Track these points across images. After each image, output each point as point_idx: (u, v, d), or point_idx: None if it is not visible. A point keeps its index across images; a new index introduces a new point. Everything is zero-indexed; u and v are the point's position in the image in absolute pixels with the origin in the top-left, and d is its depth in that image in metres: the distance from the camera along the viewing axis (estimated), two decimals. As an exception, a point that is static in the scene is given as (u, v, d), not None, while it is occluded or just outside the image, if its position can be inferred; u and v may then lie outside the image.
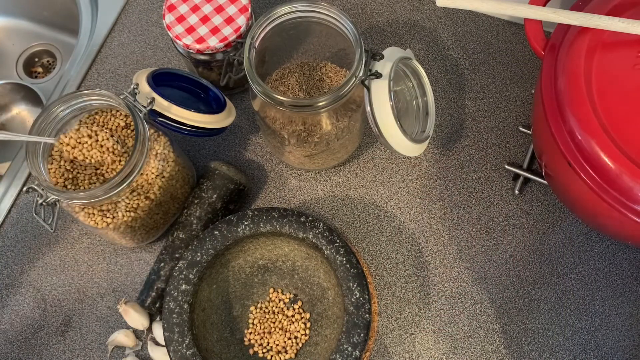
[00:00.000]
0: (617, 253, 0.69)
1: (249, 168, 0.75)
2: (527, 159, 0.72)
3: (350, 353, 0.58)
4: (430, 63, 0.79)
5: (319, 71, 0.72)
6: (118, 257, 0.72)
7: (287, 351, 0.65)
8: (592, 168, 0.54)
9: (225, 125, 0.66)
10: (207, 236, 0.62)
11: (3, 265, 0.72)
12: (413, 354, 0.67)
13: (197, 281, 0.61)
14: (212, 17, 0.70)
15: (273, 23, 0.63)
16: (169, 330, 0.59)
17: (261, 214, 0.63)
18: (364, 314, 0.59)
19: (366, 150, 0.75)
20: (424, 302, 0.69)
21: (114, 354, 0.68)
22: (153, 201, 0.64)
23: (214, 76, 0.74)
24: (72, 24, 0.92)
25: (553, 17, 0.58)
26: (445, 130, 0.76)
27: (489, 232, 0.71)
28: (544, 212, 0.71)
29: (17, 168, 0.76)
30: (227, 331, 0.65)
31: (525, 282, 0.69)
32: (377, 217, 0.72)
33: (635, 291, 0.68)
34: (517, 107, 0.76)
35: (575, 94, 0.55)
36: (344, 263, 0.60)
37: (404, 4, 0.82)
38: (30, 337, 0.69)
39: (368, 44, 0.80)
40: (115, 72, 0.81)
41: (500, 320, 0.67)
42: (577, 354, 0.66)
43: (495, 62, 0.78)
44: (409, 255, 0.70)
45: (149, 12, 0.84)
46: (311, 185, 0.74)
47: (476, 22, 0.81)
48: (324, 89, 0.71)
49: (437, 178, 0.73)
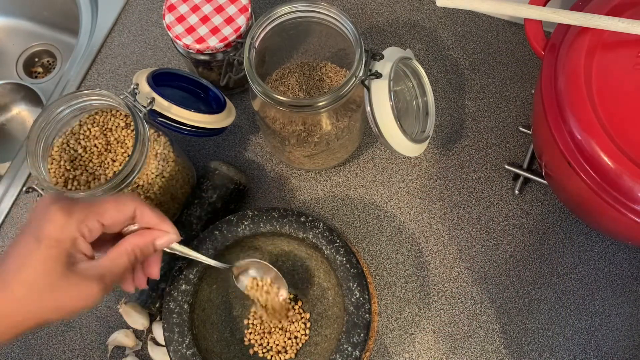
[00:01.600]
0: (617, 253, 0.69)
1: (249, 168, 0.75)
2: (527, 159, 0.72)
3: (350, 353, 0.58)
4: (430, 63, 0.79)
5: (319, 71, 0.72)
6: (118, 257, 0.72)
7: (287, 351, 0.65)
8: (592, 168, 0.54)
9: (225, 125, 0.66)
10: (207, 236, 0.62)
11: (3, 265, 0.72)
12: (413, 354, 0.67)
13: (197, 281, 0.61)
14: (212, 17, 0.70)
15: (273, 23, 0.63)
16: (169, 330, 0.59)
17: (261, 214, 0.63)
18: (364, 314, 0.59)
19: (366, 150, 0.75)
20: (424, 302, 0.69)
21: (114, 354, 0.68)
22: (153, 201, 0.64)
23: (214, 76, 0.74)
24: (72, 24, 0.92)
25: (553, 17, 0.58)
26: (445, 130, 0.76)
27: (489, 232, 0.71)
28: (544, 212, 0.71)
29: (17, 168, 0.76)
30: (227, 331, 0.65)
31: (525, 282, 0.69)
32: (377, 217, 0.72)
33: (635, 291, 0.68)
34: (517, 107, 0.76)
35: (575, 94, 0.55)
36: (344, 263, 0.60)
37: (404, 4, 0.82)
38: (30, 337, 0.69)
39: (368, 44, 0.80)
40: (115, 72, 0.81)
41: (500, 320, 0.67)
42: (577, 354, 0.66)
43: (495, 62, 0.78)
44: (409, 255, 0.70)
45: (149, 12, 0.84)
46: (311, 185, 0.74)
47: (476, 22, 0.81)
48: (324, 89, 0.71)
49: (437, 178, 0.73)
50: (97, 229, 0.46)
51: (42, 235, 0.44)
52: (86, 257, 0.46)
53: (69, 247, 0.44)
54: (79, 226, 0.45)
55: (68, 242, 0.44)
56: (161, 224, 0.51)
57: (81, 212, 0.45)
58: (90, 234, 0.46)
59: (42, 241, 0.43)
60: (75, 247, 0.45)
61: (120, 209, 0.48)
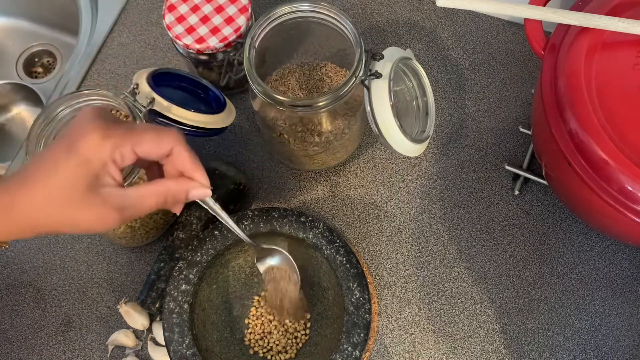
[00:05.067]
0: (617, 253, 0.69)
1: (249, 168, 0.75)
2: (527, 159, 0.72)
3: (350, 353, 0.58)
4: (430, 63, 0.79)
5: (319, 71, 0.72)
6: (118, 257, 0.72)
7: (287, 351, 0.65)
8: (592, 168, 0.54)
9: (225, 125, 0.66)
10: (207, 236, 0.62)
11: (3, 265, 0.72)
12: (413, 354, 0.67)
13: (197, 281, 0.61)
14: (212, 17, 0.70)
15: (273, 23, 0.63)
16: (169, 330, 0.59)
17: (261, 214, 0.63)
18: (364, 314, 0.59)
19: (366, 150, 0.75)
20: (424, 302, 0.69)
21: (114, 354, 0.68)
22: (153, 201, 0.64)
23: (214, 76, 0.74)
24: (72, 24, 0.92)
25: (553, 17, 0.58)
26: (445, 130, 0.76)
27: (489, 232, 0.71)
28: (544, 212, 0.71)
29: (17, 168, 0.76)
30: (227, 331, 0.65)
31: (525, 282, 0.69)
32: (377, 217, 0.72)
33: (635, 291, 0.68)
34: (517, 107, 0.76)
35: (575, 94, 0.55)
36: (344, 263, 0.60)
37: (404, 4, 0.82)
38: (30, 337, 0.69)
39: (368, 44, 0.80)
40: (115, 72, 0.81)
41: (500, 320, 0.67)
42: (577, 354, 0.66)
43: (495, 62, 0.78)
44: (409, 255, 0.70)
45: (149, 12, 0.84)
46: (311, 185, 0.74)
47: (476, 22, 0.81)
48: (324, 89, 0.71)
49: (437, 178, 0.73)
50: (131, 158, 0.45)
51: (75, 151, 0.43)
52: (114, 182, 0.45)
53: (97, 169, 0.43)
54: (113, 151, 0.43)
55: (98, 164, 0.43)
56: (196, 171, 0.48)
57: (119, 138, 0.44)
58: (122, 160, 0.44)
59: (73, 157, 0.43)
60: (105, 170, 0.44)
61: (159, 144, 0.46)
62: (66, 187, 0.43)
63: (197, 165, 0.48)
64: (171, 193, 0.47)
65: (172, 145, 0.46)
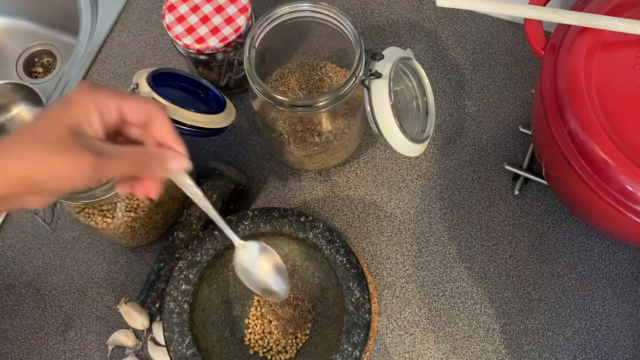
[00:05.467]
0: (617, 253, 0.69)
1: (249, 168, 0.75)
2: (527, 159, 0.72)
3: (350, 353, 0.58)
4: (430, 63, 0.79)
5: (319, 71, 0.72)
6: (118, 257, 0.72)
7: (287, 351, 0.65)
8: (592, 168, 0.54)
9: (225, 125, 0.66)
10: (207, 236, 0.62)
11: (3, 265, 0.72)
12: (413, 354, 0.67)
13: (197, 281, 0.61)
14: (212, 17, 0.70)
15: (273, 23, 0.63)
16: (169, 330, 0.59)
17: (261, 214, 0.63)
18: (364, 314, 0.59)
19: (366, 150, 0.75)
20: (424, 302, 0.69)
21: (114, 354, 0.68)
22: (153, 201, 0.64)
23: (214, 76, 0.74)
24: (72, 24, 0.92)
25: (553, 17, 0.58)
26: (445, 130, 0.76)
27: (489, 232, 0.71)
28: (544, 212, 0.71)
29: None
30: (227, 331, 0.65)
31: (525, 282, 0.69)
32: (377, 217, 0.72)
33: (635, 291, 0.68)
34: (517, 107, 0.76)
35: (575, 94, 0.55)
36: (344, 263, 0.60)
37: (404, 4, 0.82)
38: (30, 337, 0.69)
39: (368, 44, 0.80)
40: (115, 72, 0.81)
41: (500, 320, 0.67)
42: (577, 354, 0.66)
43: (495, 62, 0.78)
44: (409, 255, 0.70)
45: (149, 12, 0.84)
46: (311, 185, 0.74)
47: (476, 22, 0.81)
48: (324, 89, 0.71)
49: (437, 178, 0.73)
50: (114, 113, 0.45)
51: (64, 97, 0.44)
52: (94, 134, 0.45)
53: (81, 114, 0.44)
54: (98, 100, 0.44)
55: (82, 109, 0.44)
56: (176, 142, 0.48)
57: (106, 90, 0.45)
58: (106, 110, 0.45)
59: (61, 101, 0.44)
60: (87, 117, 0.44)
61: (142, 106, 0.46)
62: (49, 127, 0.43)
63: (178, 137, 0.48)
64: (149, 156, 0.47)
65: (155, 112, 0.47)
